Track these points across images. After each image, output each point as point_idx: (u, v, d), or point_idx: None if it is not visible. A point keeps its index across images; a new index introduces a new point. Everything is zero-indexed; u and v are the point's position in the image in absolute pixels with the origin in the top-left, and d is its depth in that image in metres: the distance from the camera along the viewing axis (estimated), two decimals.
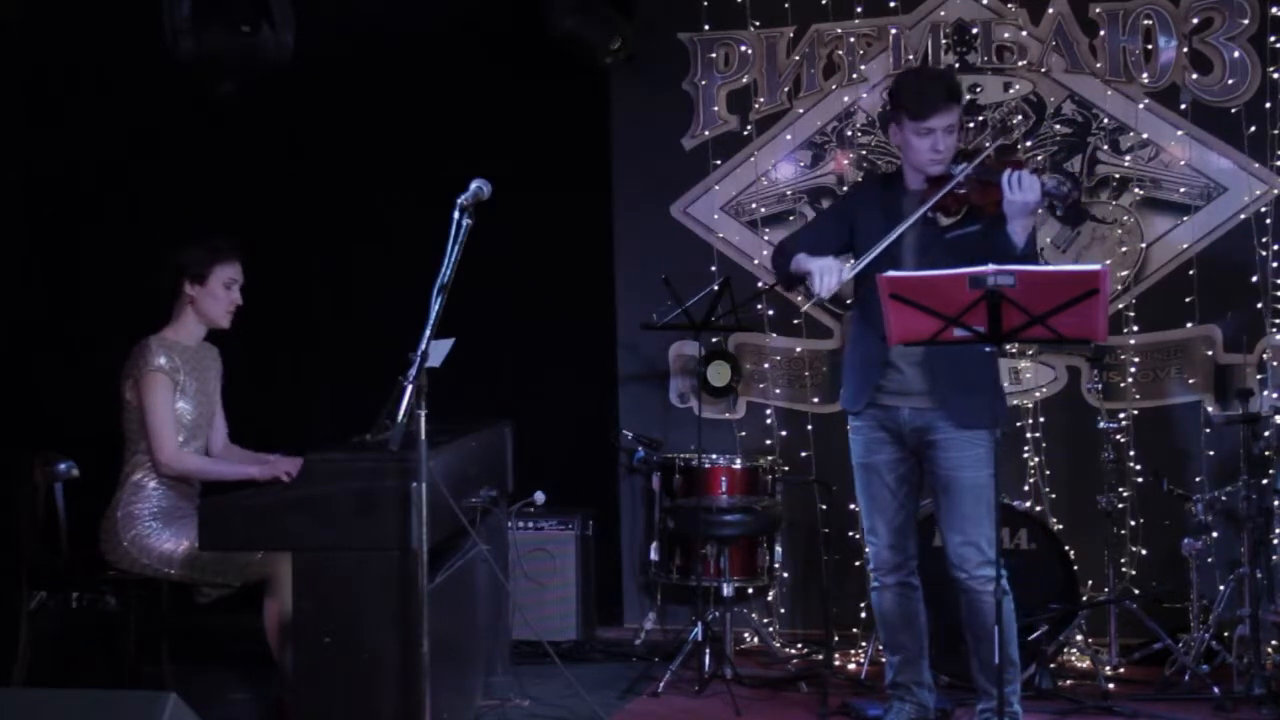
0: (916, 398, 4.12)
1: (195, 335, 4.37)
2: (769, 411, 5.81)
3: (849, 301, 5.71)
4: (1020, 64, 5.58)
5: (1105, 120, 5.53)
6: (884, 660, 4.42)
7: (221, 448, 4.48)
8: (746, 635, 5.62)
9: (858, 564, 5.62)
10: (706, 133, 5.86)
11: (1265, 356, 5.36)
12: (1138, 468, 5.45)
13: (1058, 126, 5.55)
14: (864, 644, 5.29)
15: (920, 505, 4.36)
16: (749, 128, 5.82)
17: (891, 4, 5.70)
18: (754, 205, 5.83)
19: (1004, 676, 3.98)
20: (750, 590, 5.59)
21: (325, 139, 5.91)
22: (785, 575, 5.69)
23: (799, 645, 5.58)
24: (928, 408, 4.10)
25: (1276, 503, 4.78)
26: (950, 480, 4.09)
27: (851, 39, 5.74)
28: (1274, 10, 5.38)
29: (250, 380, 5.63)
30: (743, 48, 5.84)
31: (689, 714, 4.73)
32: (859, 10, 5.72)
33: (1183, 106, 5.47)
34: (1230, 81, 5.44)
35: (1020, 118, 5.57)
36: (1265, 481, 4.75)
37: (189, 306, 4.33)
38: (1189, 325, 5.47)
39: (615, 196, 5.93)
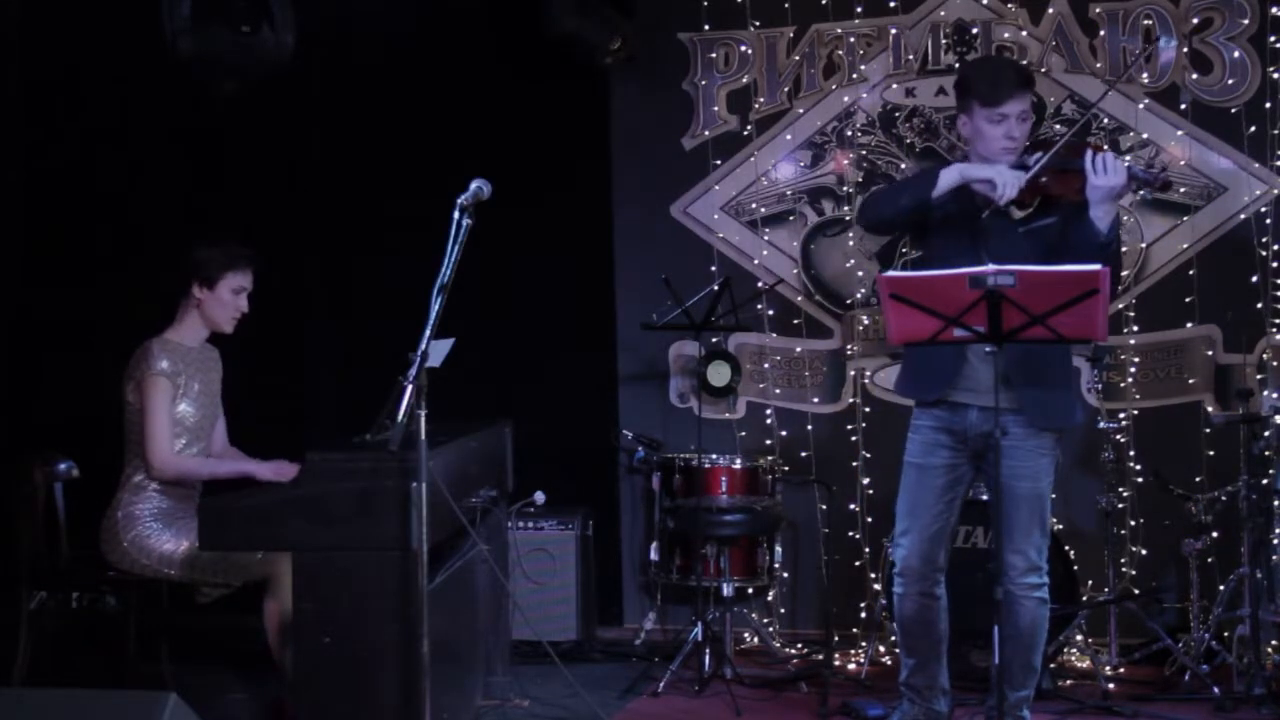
0: (985, 395, 3.93)
1: (198, 337, 4.37)
2: (769, 411, 5.81)
3: (848, 301, 5.75)
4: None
5: (1105, 120, 5.53)
6: (885, 660, 4.40)
7: (220, 449, 4.47)
8: (746, 635, 5.63)
9: (858, 564, 5.63)
10: (706, 133, 5.86)
11: (1265, 356, 5.36)
12: (1138, 468, 5.45)
13: (1058, 126, 5.55)
14: (864, 644, 5.30)
15: (973, 494, 4.28)
16: (749, 128, 5.83)
17: (891, 4, 5.70)
18: (754, 205, 5.83)
19: (1022, 679, 3.99)
20: (750, 590, 5.59)
21: (325, 139, 5.91)
22: (785, 575, 5.68)
23: (799, 645, 5.58)
24: (999, 406, 3.91)
25: (1276, 503, 4.78)
26: (1007, 488, 3.89)
27: (851, 39, 5.74)
28: (1274, 10, 5.38)
29: (250, 381, 5.63)
30: (743, 48, 5.84)
31: (689, 714, 4.73)
32: (859, 10, 5.72)
33: (1183, 106, 5.47)
34: (1230, 81, 5.44)
35: None
36: (1265, 481, 4.75)
37: (195, 309, 4.33)
38: (1189, 325, 5.47)
39: (615, 196, 5.93)
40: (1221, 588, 4.94)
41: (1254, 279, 5.39)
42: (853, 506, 5.66)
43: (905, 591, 4.17)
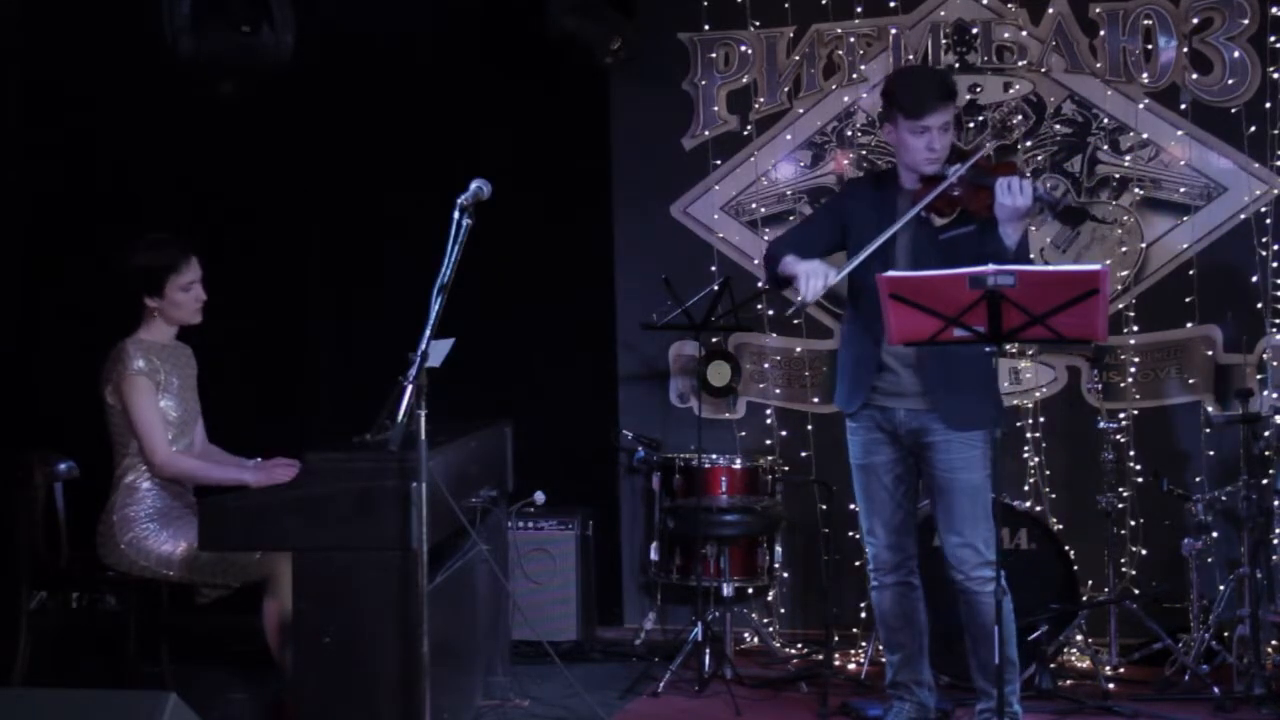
0: (911, 399, 4.12)
1: (168, 334, 4.33)
2: (769, 411, 5.81)
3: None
4: (1020, 64, 5.58)
5: (1105, 120, 5.53)
6: (884, 660, 4.42)
7: (200, 447, 4.45)
8: (746, 635, 5.62)
9: (858, 564, 5.62)
10: (706, 133, 5.86)
11: (1265, 356, 5.36)
12: (1138, 468, 5.45)
13: (1058, 126, 5.55)
14: (864, 644, 5.30)
15: (920, 505, 4.36)
16: (749, 128, 5.82)
17: (891, 4, 5.70)
18: (754, 205, 5.83)
19: (1003, 676, 3.99)
20: (750, 590, 5.59)
21: (325, 139, 5.90)
22: (785, 575, 5.68)
23: (799, 645, 5.58)
24: (922, 409, 4.10)
25: (1276, 503, 4.78)
26: (947, 482, 4.09)
27: (851, 39, 5.74)
28: (1274, 10, 5.38)
29: (249, 381, 5.65)
30: (743, 48, 5.84)
31: (689, 714, 4.73)
32: (859, 10, 5.72)
33: (1183, 106, 5.47)
34: (1230, 81, 5.44)
35: (1020, 118, 5.57)
36: (1265, 481, 4.75)
37: (155, 314, 4.30)
38: (1189, 325, 5.47)
39: (615, 196, 5.93)
40: (1221, 588, 4.94)
41: (1254, 279, 5.39)
42: (852, 506, 5.61)
43: (882, 584, 4.28)
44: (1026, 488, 5.49)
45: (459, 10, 5.85)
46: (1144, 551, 5.43)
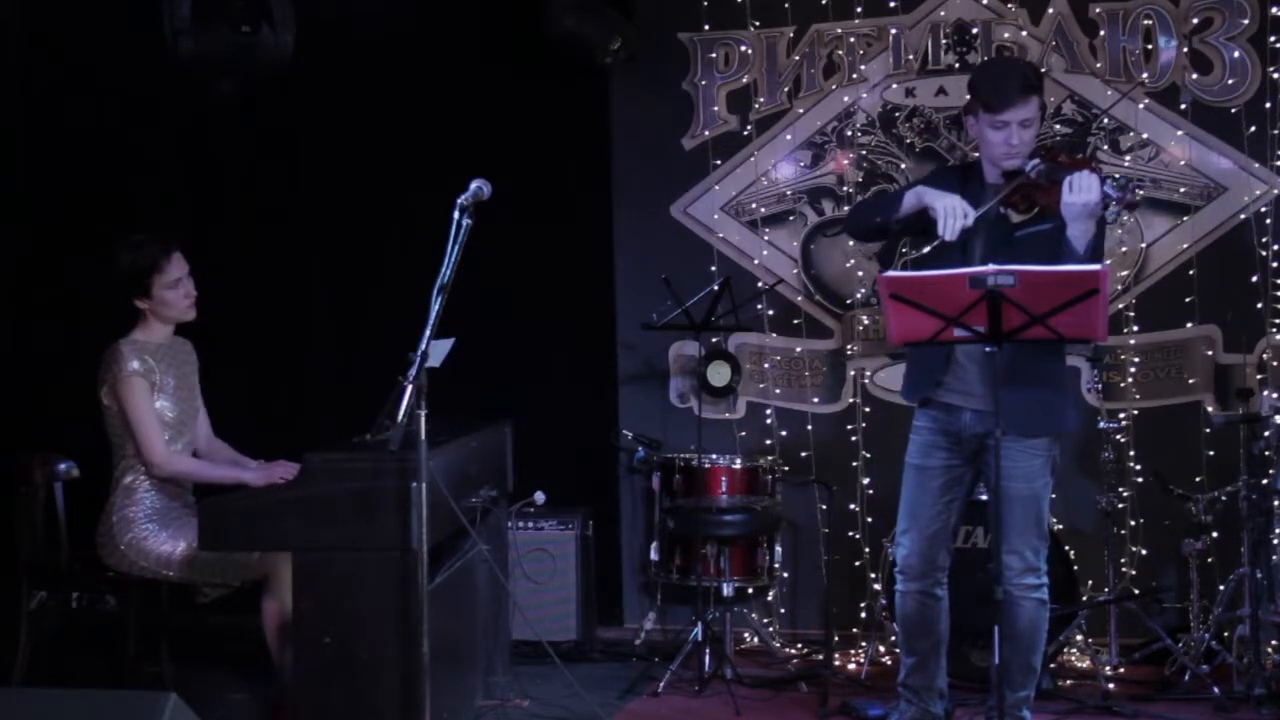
0: (977, 398, 4.01)
1: (165, 333, 4.33)
2: (769, 411, 5.81)
3: (848, 301, 5.75)
4: None
5: (1105, 120, 5.53)
6: (885, 660, 4.41)
7: (205, 443, 4.45)
8: (746, 635, 5.62)
9: (858, 564, 5.63)
10: (706, 133, 5.86)
11: (1265, 356, 5.36)
12: (1138, 468, 5.45)
13: (1058, 126, 5.55)
14: (864, 644, 5.30)
15: (974, 496, 4.31)
16: (749, 128, 5.82)
17: (891, 4, 5.70)
18: (754, 205, 5.83)
19: (1021, 680, 3.99)
20: (750, 590, 5.59)
21: (325, 139, 5.90)
22: (785, 575, 5.68)
23: (799, 645, 5.58)
24: (990, 410, 3.88)
25: (1276, 503, 4.78)
26: (1001, 489, 3.89)
27: (851, 39, 5.74)
28: (1274, 10, 5.38)
29: (250, 380, 5.65)
30: (743, 48, 5.84)
31: (689, 714, 4.73)
32: (859, 10, 5.71)
33: (1183, 106, 5.47)
34: (1230, 81, 5.44)
35: None
36: (1265, 481, 4.75)
37: (147, 314, 4.31)
38: (1189, 325, 5.47)
39: (615, 196, 5.93)
40: (1221, 588, 4.94)
41: (1254, 279, 5.39)
42: (853, 506, 5.66)
43: (906, 590, 4.21)
44: None
45: (459, 10, 5.85)
46: (1144, 551, 5.43)
